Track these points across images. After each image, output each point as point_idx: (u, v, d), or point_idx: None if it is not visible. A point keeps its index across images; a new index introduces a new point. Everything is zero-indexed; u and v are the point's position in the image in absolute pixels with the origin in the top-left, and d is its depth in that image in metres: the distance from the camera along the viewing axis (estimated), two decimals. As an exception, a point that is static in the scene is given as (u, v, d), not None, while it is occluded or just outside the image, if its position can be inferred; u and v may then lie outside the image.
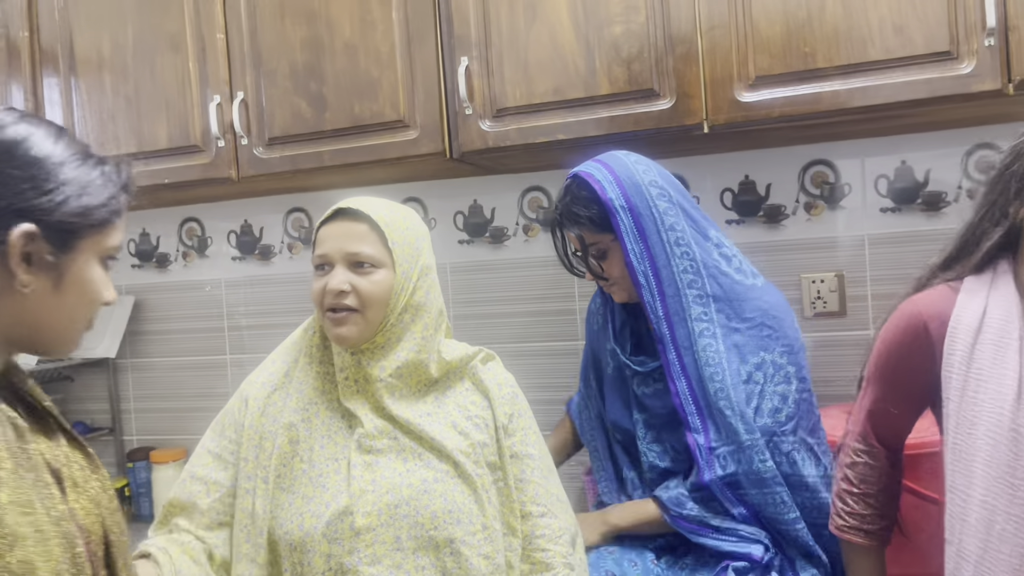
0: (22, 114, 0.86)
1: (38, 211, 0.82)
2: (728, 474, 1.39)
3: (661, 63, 1.59)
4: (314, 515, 1.15)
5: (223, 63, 1.88)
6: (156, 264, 2.40)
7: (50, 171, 0.83)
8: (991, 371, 1.07)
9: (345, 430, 1.22)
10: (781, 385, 1.43)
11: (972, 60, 1.42)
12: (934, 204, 1.79)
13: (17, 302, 0.84)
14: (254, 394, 1.27)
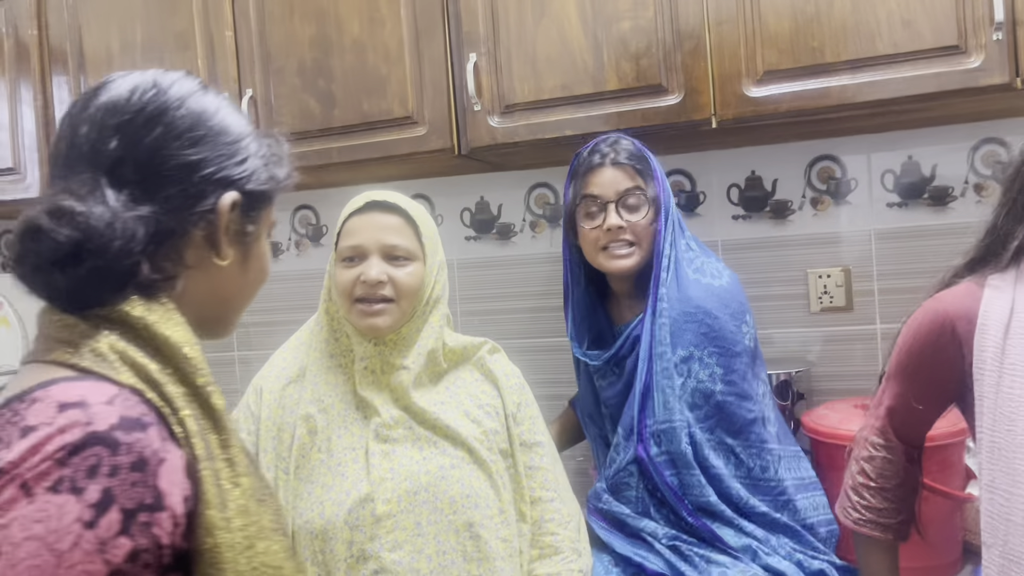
0: (201, 81, 0.84)
1: (238, 181, 0.80)
2: (661, 451, 1.42)
3: (669, 58, 1.60)
4: (335, 503, 1.17)
5: (232, 61, 1.89)
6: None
7: (241, 141, 0.82)
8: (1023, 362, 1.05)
9: (361, 420, 1.24)
10: (704, 383, 1.45)
11: (980, 54, 1.42)
12: (941, 199, 1.79)
13: (210, 278, 0.81)
14: (268, 387, 1.29)
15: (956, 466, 1.48)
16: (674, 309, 1.45)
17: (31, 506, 0.62)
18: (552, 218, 2.06)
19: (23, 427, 0.65)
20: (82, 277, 0.72)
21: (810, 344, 1.88)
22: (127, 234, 0.73)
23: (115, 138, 0.76)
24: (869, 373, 1.85)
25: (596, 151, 1.52)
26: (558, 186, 2.06)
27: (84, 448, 0.63)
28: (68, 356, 0.72)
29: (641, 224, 1.49)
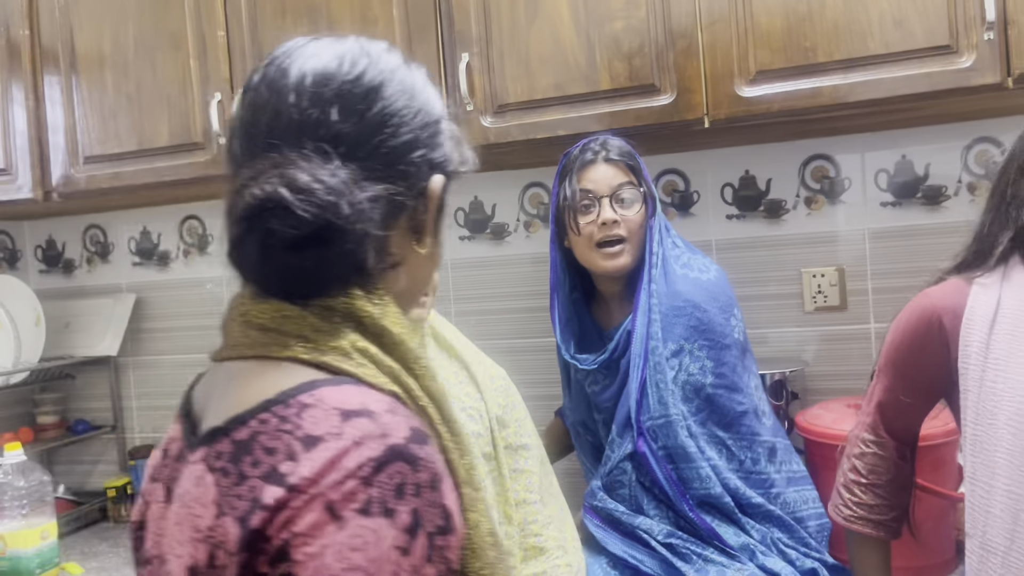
0: (402, 54, 0.76)
1: (441, 163, 0.74)
2: (659, 446, 1.42)
3: (662, 58, 1.60)
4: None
5: (224, 60, 1.88)
6: (157, 262, 2.40)
7: (440, 121, 0.75)
8: (1008, 360, 1.07)
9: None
10: (695, 376, 1.45)
11: (972, 54, 1.42)
12: (934, 198, 1.79)
13: (409, 267, 0.73)
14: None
15: (949, 466, 1.48)
16: (663, 304, 1.46)
17: (343, 532, 0.54)
18: (546, 218, 2.06)
19: (303, 436, 0.58)
20: (316, 262, 0.65)
21: (804, 344, 1.88)
22: (365, 216, 0.65)
23: (334, 109, 0.68)
24: (863, 373, 1.83)
25: (588, 149, 1.53)
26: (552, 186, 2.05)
27: (388, 464, 0.57)
28: (310, 354, 0.64)
29: (635, 220, 1.49)
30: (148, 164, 1.96)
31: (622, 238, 1.49)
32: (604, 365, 1.54)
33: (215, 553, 0.58)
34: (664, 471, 1.42)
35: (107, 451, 2.44)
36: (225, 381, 0.68)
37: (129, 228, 2.42)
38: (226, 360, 0.70)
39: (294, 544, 0.55)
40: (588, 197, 1.50)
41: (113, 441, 2.41)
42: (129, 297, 2.38)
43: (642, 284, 1.48)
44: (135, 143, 1.97)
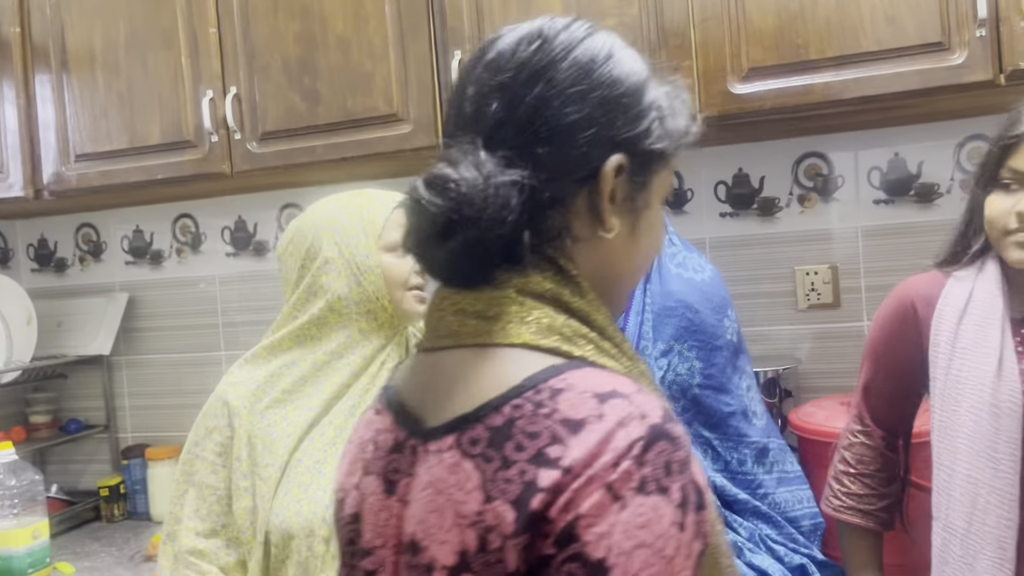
0: (593, 24, 0.73)
1: (625, 140, 0.70)
2: None
3: (654, 55, 1.58)
4: (314, 501, 1.16)
5: (216, 58, 1.88)
6: (150, 261, 2.39)
7: (634, 93, 0.70)
8: (974, 349, 1.12)
9: (345, 413, 1.24)
10: (683, 377, 1.44)
11: (964, 51, 1.42)
12: (927, 196, 1.80)
13: (598, 252, 0.71)
14: (237, 395, 1.28)
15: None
16: (655, 303, 1.45)
17: (626, 511, 0.56)
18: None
19: (564, 420, 0.59)
20: (459, 250, 0.66)
21: (798, 341, 1.88)
22: (499, 202, 0.65)
23: (496, 99, 0.68)
24: (856, 371, 1.84)
25: None
26: (545, 184, 2.05)
27: (654, 444, 0.58)
28: (539, 339, 0.66)
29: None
30: (139, 162, 1.95)
31: None
32: None
33: (487, 537, 0.59)
34: None
35: (100, 450, 2.43)
36: (449, 370, 0.69)
37: (122, 227, 2.42)
38: (438, 350, 0.71)
39: (581, 525, 0.56)
40: None
41: (106, 440, 2.40)
42: (122, 296, 2.37)
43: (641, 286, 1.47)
44: (126, 141, 1.96)
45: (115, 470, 2.36)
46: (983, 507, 1.08)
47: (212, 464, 1.25)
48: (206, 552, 1.23)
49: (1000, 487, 1.07)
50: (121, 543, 2.08)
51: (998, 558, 1.07)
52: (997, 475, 1.08)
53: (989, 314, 1.13)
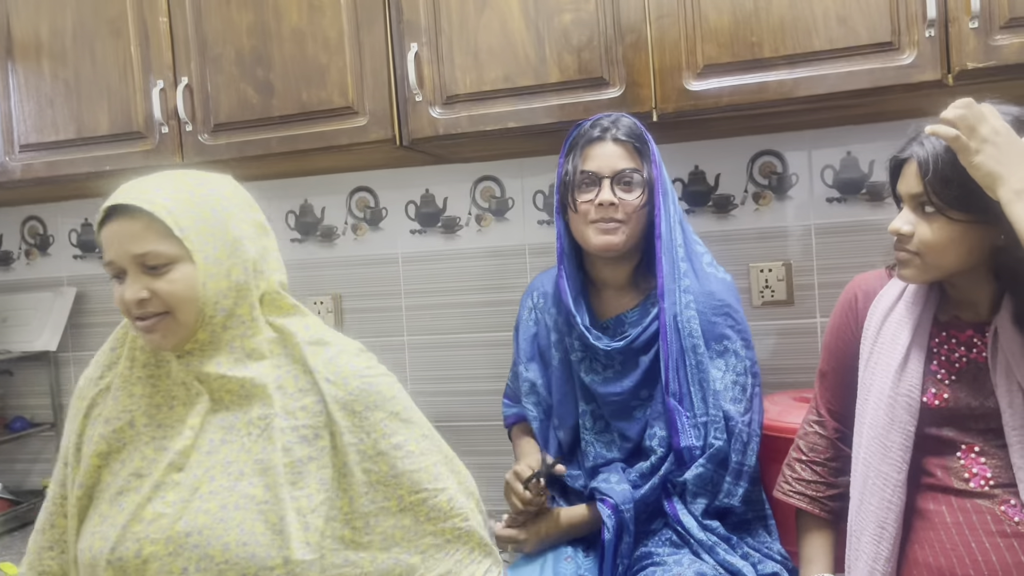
0: None
1: None
2: (696, 445, 1.42)
3: (611, 51, 1.60)
4: (103, 537, 1.04)
5: (167, 48, 1.84)
6: (99, 255, 2.33)
7: None
8: (889, 345, 1.21)
9: (159, 441, 1.08)
10: (742, 377, 1.46)
11: (913, 51, 1.44)
12: (878, 195, 1.82)
13: None
14: (79, 393, 1.16)
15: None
16: (700, 302, 1.45)
17: None
18: (498, 212, 2.05)
19: None
20: None
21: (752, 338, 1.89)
22: None
23: None
24: (810, 367, 1.85)
25: (597, 124, 1.47)
26: (504, 179, 2.04)
27: None
28: None
29: (633, 204, 1.43)
30: (87, 153, 1.90)
31: (619, 220, 1.43)
32: (619, 352, 1.47)
33: None
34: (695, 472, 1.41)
35: (46, 449, 2.37)
36: None
37: (70, 220, 2.36)
38: None
39: None
40: (590, 177, 1.44)
41: (53, 439, 2.34)
42: (70, 291, 2.31)
43: (662, 275, 1.43)
44: (73, 131, 1.91)
45: (62, 469, 2.31)
46: (870, 489, 1.18)
47: (63, 451, 1.14)
48: (31, 551, 1.14)
49: (886, 472, 1.17)
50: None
51: (876, 536, 1.17)
52: (885, 461, 1.17)
53: (911, 313, 1.21)
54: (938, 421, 1.17)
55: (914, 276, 1.17)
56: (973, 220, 1.10)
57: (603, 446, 1.51)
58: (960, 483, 1.15)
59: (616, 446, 1.50)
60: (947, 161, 1.09)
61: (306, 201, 2.18)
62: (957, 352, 1.18)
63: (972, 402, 1.15)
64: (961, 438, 1.16)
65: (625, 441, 1.50)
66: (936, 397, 1.17)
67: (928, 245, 1.12)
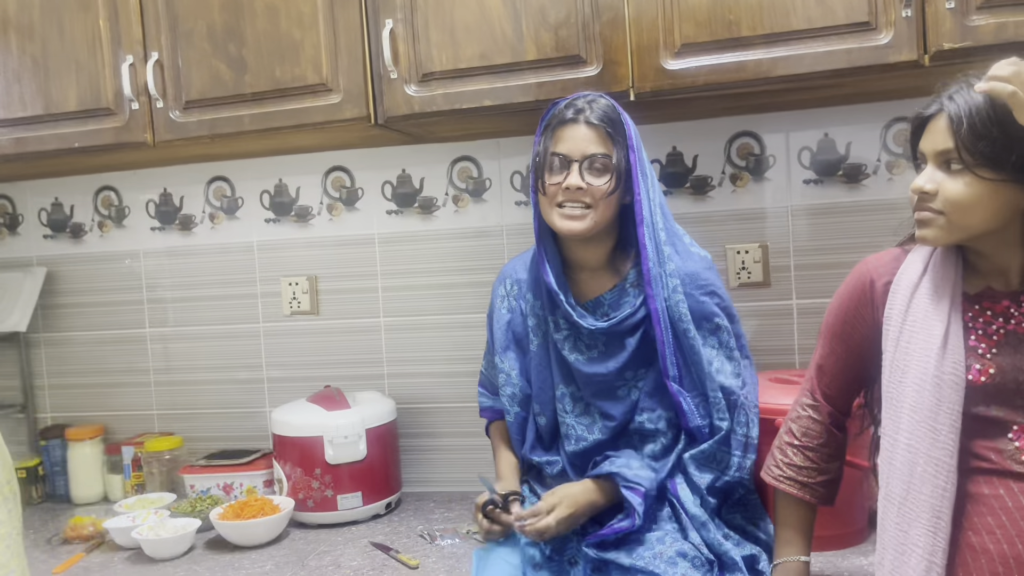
0: None
1: None
2: (703, 424, 1.42)
3: (588, 29, 1.58)
4: None
5: (136, 22, 1.80)
6: (70, 234, 2.30)
7: None
8: (923, 322, 1.13)
9: None
10: (734, 352, 1.47)
11: (890, 31, 1.44)
12: (855, 177, 1.82)
13: None
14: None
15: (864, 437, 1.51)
16: (686, 284, 1.44)
17: None
18: (475, 192, 2.03)
19: None
20: None
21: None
22: None
23: None
24: (785, 348, 1.88)
25: (572, 105, 1.44)
26: (482, 160, 2.03)
27: None
28: None
29: (601, 189, 1.41)
30: (55, 130, 1.86)
31: (586, 204, 1.42)
32: (603, 332, 1.47)
33: None
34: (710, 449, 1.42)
35: (17, 431, 2.33)
36: None
37: (39, 199, 2.31)
38: None
39: None
40: (560, 160, 1.43)
41: (23, 421, 2.31)
42: (40, 271, 2.27)
43: (647, 262, 1.42)
44: (41, 107, 1.87)
45: (33, 451, 2.28)
46: (920, 476, 1.10)
47: None
48: None
49: (938, 457, 1.09)
50: (38, 526, 2.00)
51: (932, 527, 1.09)
52: (936, 446, 1.09)
53: (940, 288, 1.14)
54: (984, 399, 1.11)
55: (936, 237, 1.12)
56: (1004, 179, 1.06)
57: (584, 428, 1.51)
58: (1018, 466, 1.09)
59: (597, 427, 1.50)
60: (983, 116, 1.06)
61: (281, 181, 2.15)
62: (994, 324, 1.13)
63: (1019, 375, 1.10)
64: (1012, 417, 1.11)
65: (607, 420, 1.49)
66: (982, 373, 1.11)
67: (953, 203, 1.08)
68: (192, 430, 2.21)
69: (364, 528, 1.83)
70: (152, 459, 2.08)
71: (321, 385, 2.03)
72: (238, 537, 1.74)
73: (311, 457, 1.82)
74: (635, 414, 1.47)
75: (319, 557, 1.66)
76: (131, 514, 1.84)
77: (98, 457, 2.18)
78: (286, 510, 1.78)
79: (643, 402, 1.47)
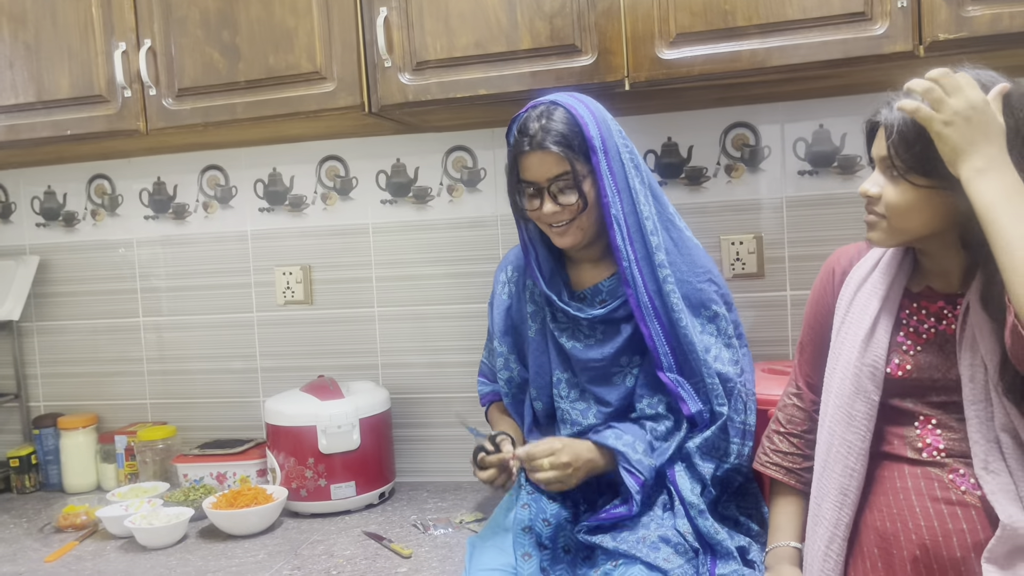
0: None
1: None
2: (704, 409, 1.42)
3: (583, 18, 1.57)
4: None
5: (129, 9, 1.79)
6: (63, 223, 2.29)
7: None
8: (859, 314, 1.21)
9: None
10: (734, 339, 1.49)
11: (885, 21, 1.44)
12: (849, 168, 1.82)
13: None
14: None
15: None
16: (682, 271, 1.44)
17: None
18: (470, 182, 2.03)
19: None
20: None
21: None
22: None
23: None
24: (779, 339, 1.88)
25: (525, 131, 1.41)
26: (476, 150, 2.02)
27: None
28: None
29: (575, 206, 1.41)
30: (48, 117, 1.85)
31: (568, 221, 1.43)
32: (600, 320, 1.47)
33: None
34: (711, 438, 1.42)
35: (10, 420, 2.33)
36: None
37: (32, 187, 2.30)
38: None
39: None
40: (530, 186, 1.44)
41: (16, 409, 2.31)
42: (32, 259, 2.27)
43: (622, 260, 1.41)
44: (33, 94, 1.86)
45: (26, 440, 2.27)
46: (834, 456, 1.20)
47: None
48: None
49: (850, 440, 1.18)
50: (32, 514, 2.00)
51: (838, 503, 1.18)
52: (849, 429, 1.18)
53: (882, 283, 1.21)
54: (900, 392, 1.18)
55: (880, 239, 1.17)
56: (935, 186, 1.09)
57: (579, 413, 1.51)
58: (913, 452, 1.17)
59: (592, 412, 1.50)
60: (911, 126, 1.08)
61: (275, 170, 2.14)
62: (926, 323, 1.19)
63: (935, 374, 1.16)
64: (920, 409, 1.17)
65: (603, 406, 1.49)
66: (899, 368, 1.18)
67: (893, 208, 1.12)
68: (185, 419, 2.21)
69: (357, 517, 1.83)
70: (145, 448, 2.08)
71: (315, 375, 2.03)
72: (231, 526, 1.74)
73: (304, 446, 1.81)
74: (634, 401, 1.48)
75: (312, 546, 1.67)
76: (124, 503, 1.84)
77: (91, 446, 2.18)
78: (279, 499, 1.78)
79: (640, 388, 1.47)
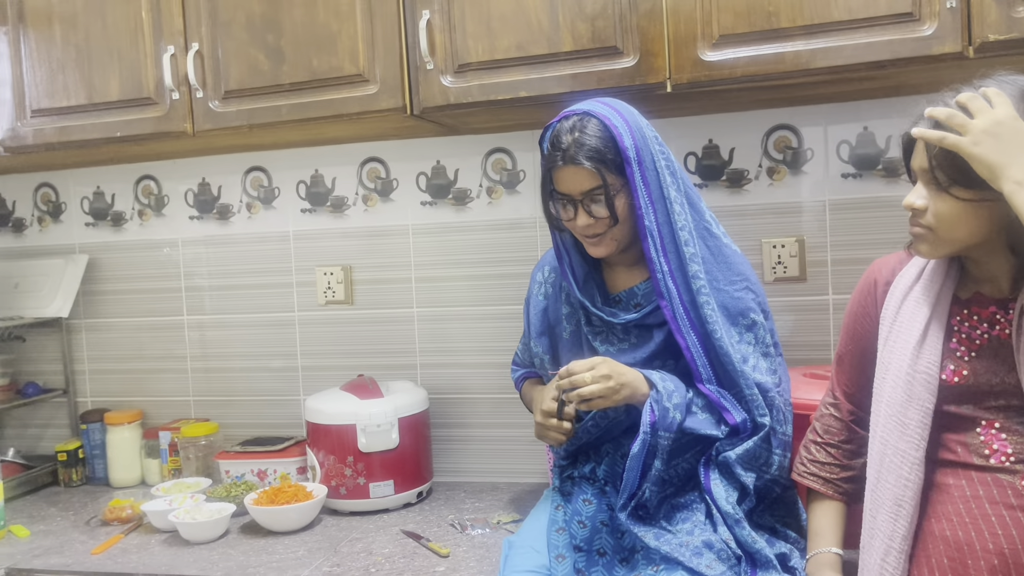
0: None
1: None
2: (748, 418, 1.40)
3: (625, 20, 1.57)
4: None
5: (177, 13, 1.82)
6: (111, 222, 2.34)
7: None
8: (908, 323, 1.19)
9: None
10: (771, 348, 1.47)
11: (934, 22, 1.41)
12: (894, 171, 1.79)
13: None
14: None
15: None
16: (719, 280, 1.43)
17: None
18: (509, 184, 2.04)
19: None
20: None
21: (763, 314, 1.88)
22: None
23: None
24: (821, 343, 1.85)
25: (558, 145, 1.40)
26: (516, 152, 2.03)
27: None
28: None
29: (605, 221, 1.41)
30: (97, 119, 1.90)
31: (600, 233, 1.43)
32: (635, 325, 1.47)
33: None
34: (749, 446, 1.40)
35: (58, 414, 2.39)
36: None
37: (82, 187, 2.36)
38: None
39: None
40: (564, 198, 1.44)
41: (64, 404, 2.36)
42: (81, 258, 2.32)
43: (656, 272, 1.40)
44: (84, 97, 1.90)
45: (74, 434, 2.33)
46: (887, 466, 1.17)
47: None
48: None
49: (904, 449, 1.16)
50: (78, 507, 2.05)
51: (893, 513, 1.16)
52: (903, 438, 1.16)
53: (930, 291, 1.19)
54: (957, 398, 1.16)
55: (929, 251, 1.15)
56: (979, 198, 1.07)
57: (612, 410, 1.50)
58: (980, 459, 1.13)
59: (623, 408, 1.49)
60: None
61: (317, 171, 2.17)
62: (979, 329, 1.16)
63: (992, 379, 1.13)
64: (981, 415, 1.15)
65: (634, 408, 1.49)
66: (955, 374, 1.15)
67: (940, 219, 1.11)
68: (227, 416, 2.24)
69: (395, 516, 1.85)
70: (188, 444, 2.11)
71: (354, 374, 2.05)
72: (272, 522, 1.76)
73: (344, 445, 1.83)
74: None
75: (351, 544, 1.68)
76: (168, 498, 1.88)
77: (136, 441, 2.22)
78: (319, 497, 1.80)
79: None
